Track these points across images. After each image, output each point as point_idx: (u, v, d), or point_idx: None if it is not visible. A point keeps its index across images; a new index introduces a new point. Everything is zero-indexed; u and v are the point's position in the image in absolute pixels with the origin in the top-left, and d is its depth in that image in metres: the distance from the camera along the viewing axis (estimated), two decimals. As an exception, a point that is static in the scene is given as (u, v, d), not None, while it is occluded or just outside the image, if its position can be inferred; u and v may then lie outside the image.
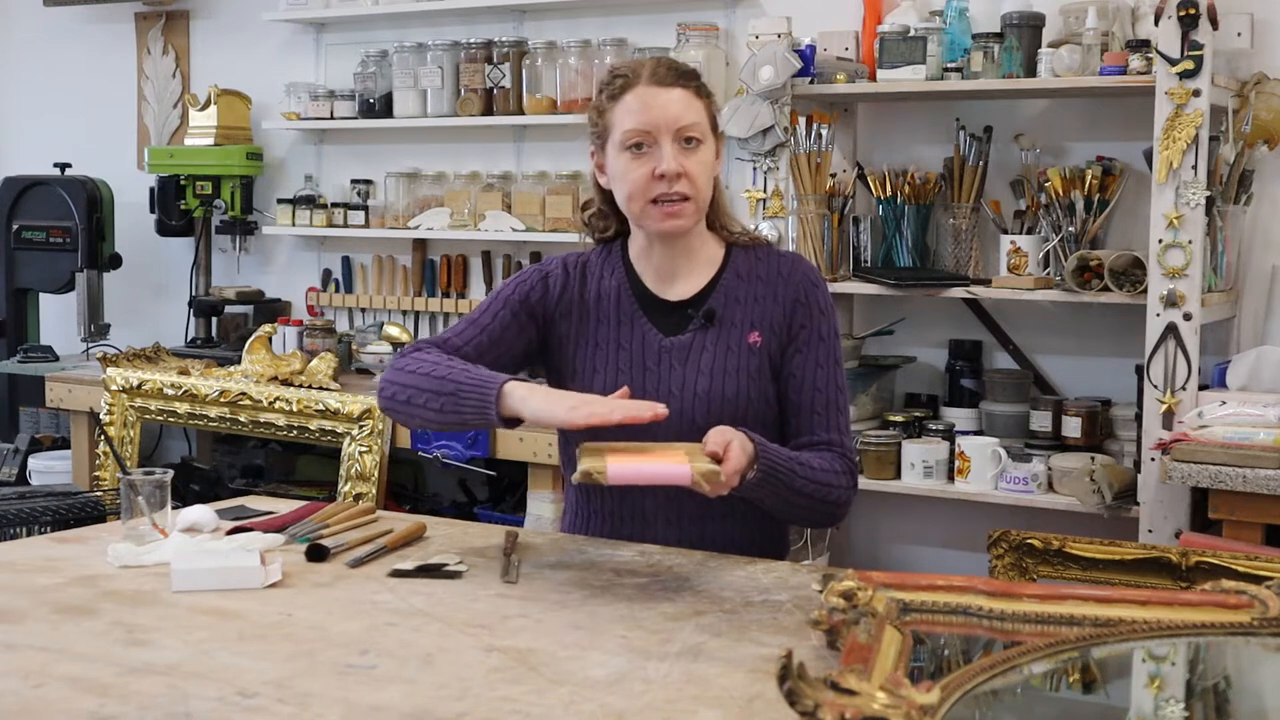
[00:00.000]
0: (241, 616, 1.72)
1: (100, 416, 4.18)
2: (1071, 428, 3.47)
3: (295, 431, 3.96)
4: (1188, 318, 3.14)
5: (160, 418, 4.17)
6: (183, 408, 4.09)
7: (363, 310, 4.74)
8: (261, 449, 4.63)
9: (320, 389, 3.95)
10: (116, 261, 4.90)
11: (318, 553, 2.00)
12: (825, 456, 2.10)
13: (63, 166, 4.91)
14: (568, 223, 4.18)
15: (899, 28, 3.53)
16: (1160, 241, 3.15)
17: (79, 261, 4.81)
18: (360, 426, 3.84)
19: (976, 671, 1.26)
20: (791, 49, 3.54)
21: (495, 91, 4.35)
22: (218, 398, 4.01)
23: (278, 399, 3.95)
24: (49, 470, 4.53)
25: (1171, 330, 3.15)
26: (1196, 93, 3.10)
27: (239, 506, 2.36)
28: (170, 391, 4.10)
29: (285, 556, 1.96)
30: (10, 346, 4.98)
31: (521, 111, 4.32)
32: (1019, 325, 3.76)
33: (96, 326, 4.83)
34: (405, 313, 4.65)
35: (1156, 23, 3.15)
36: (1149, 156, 3.21)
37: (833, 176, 3.71)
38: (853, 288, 3.66)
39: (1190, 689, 1.48)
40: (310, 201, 4.68)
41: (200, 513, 2.17)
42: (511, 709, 1.40)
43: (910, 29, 3.52)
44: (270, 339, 4.14)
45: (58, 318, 5.11)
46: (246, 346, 4.13)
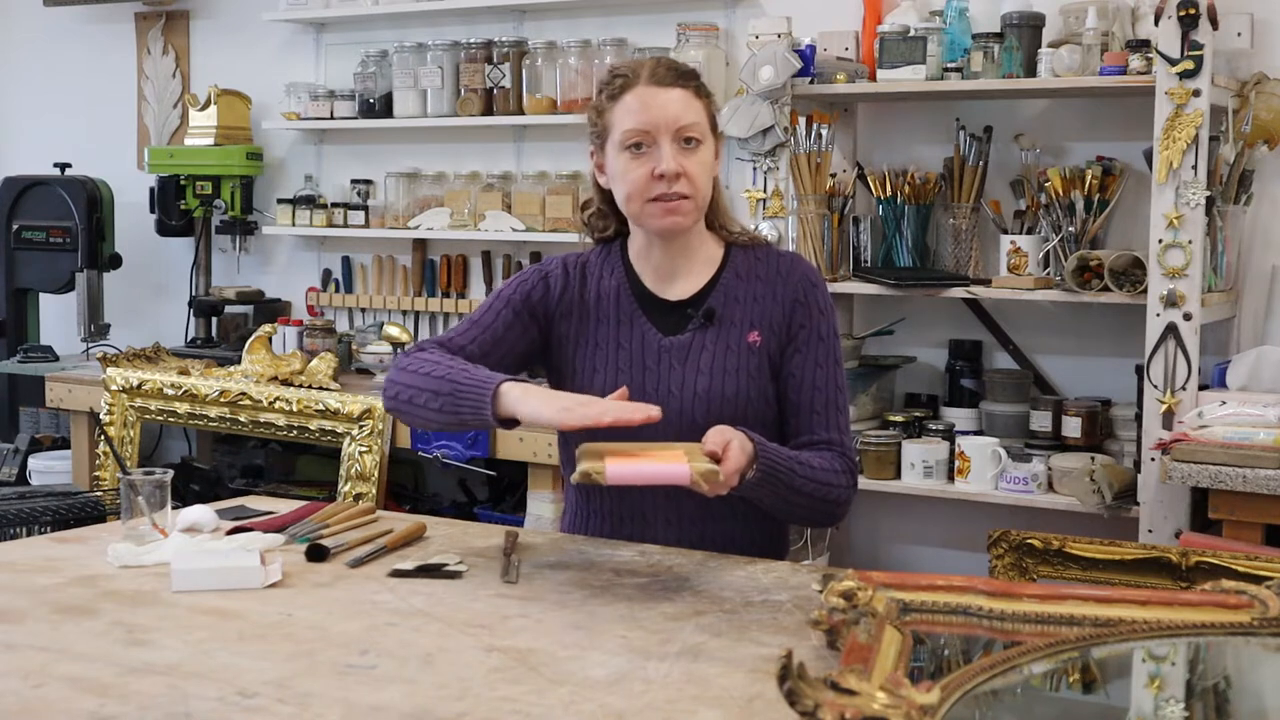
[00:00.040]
0: (241, 616, 1.72)
1: (100, 416, 4.17)
2: (1071, 428, 3.47)
3: (295, 431, 3.96)
4: (1188, 318, 3.14)
5: (160, 418, 4.17)
6: (183, 408, 4.09)
7: (363, 310, 4.74)
8: (261, 449, 4.63)
9: (320, 389, 3.95)
10: (116, 261, 4.90)
11: (318, 553, 2.00)
12: (825, 456, 2.10)
13: (63, 166, 4.91)
14: (568, 223, 4.18)
15: (899, 28, 3.53)
16: (1160, 241, 3.15)
17: (79, 261, 4.81)
18: (360, 426, 3.84)
19: (976, 671, 1.26)
20: (791, 49, 3.54)
21: (495, 91, 4.35)
22: (218, 398, 4.01)
23: (278, 399, 3.95)
24: (49, 470, 4.53)
25: (1171, 330, 3.15)
26: (1196, 93, 3.10)
27: (239, 506, 2.36)
28: (170, 391, 4.10)
29: (285, 556, 1.96)
30: (10, 346, 4.98)
31: (521, 111, 4.32)
32: (1019, 325, 3.76)
33: (96, 326, 4.83)
34: (405, 313, 4.65)
35: (1156, 23, 3.15)
36: (1149, 156, 3.21)
37: (833, 176, 3.71)
38: (853, 288, 3.66)
39: (1190, 689, 1.48)
40: (310, 201, 4.68)
41: (200, 513, 2.17)
42: (511, 709, 1.40)
43: (910, 29, 3.52)
44: (270, 339, 4.14)
45: (58, 318, 5.11)
46: (246, 346, 4.12)
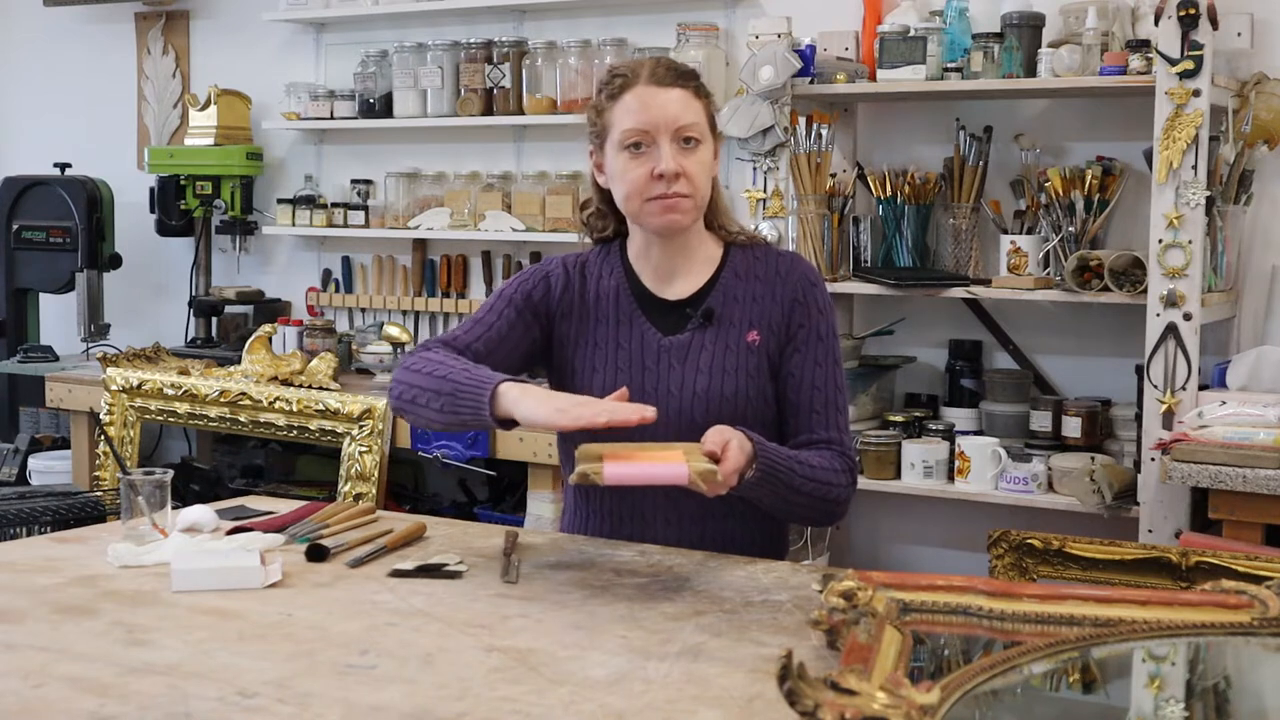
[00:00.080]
0: (241, 616, 1.72)
1: (100, 416, 4.17)
2: (1071, 428, 3.47)
3: (295, 431, 3.96)
4: (1188, 318, 3.14)
5: (160, 418, 4.17)
6: (183, 408, 4.09)
7: (363, 310, 4.74)
8: (261, 449, 4.63)
9: (320, 389, 3.95)
10: (116, 261, 4.90)
11: (318, 553, 2.00)
12: (824, 455, 2.10)
13: (63, 166, 4.91)
14: (568, 223, 4.18)
15: (899, 28, 3.53)
16: (1160, 241, 3.15)
17: (79, 261, 4.81)
18: (360, 426, 3.84)
19: (976, 671, 1.26)
20: (791, 49, 3.54)
21: (495, 91, 4.35)
22: (218, 398, 4.01)
23: (278, 399, 3.95)
24: (49, 470, 4.53)
25: (1171, 330, 3.15)
26: (1196, 93, 3.10)
27: (239, 506, 2.36)
28: (170, 391, 4.10)
29: (285, 556, 1.96)
30: (10, 346, 4.98)
31: (521, 111, 4.32)
32: (1019, 325, 3.76)
33: (96, 326, 4.83)
34: (405, 313, 4.65)
35: (1156, 23, 3.15)
36: (1149, 156, 3.21)
37: (833, 176, 3.71)
38: (853, 288, 3.66)
39: (1190, 689, 1.48)
40: (310, 201, 4.68)
41: (200, 513, 2.17)
42: (511, 709, 1.40)
43: (910, 29, 3.52)
44: (270, 339, 4.14)
45: (58, 318, 5.11)
46: (246, 346, 4.12)
